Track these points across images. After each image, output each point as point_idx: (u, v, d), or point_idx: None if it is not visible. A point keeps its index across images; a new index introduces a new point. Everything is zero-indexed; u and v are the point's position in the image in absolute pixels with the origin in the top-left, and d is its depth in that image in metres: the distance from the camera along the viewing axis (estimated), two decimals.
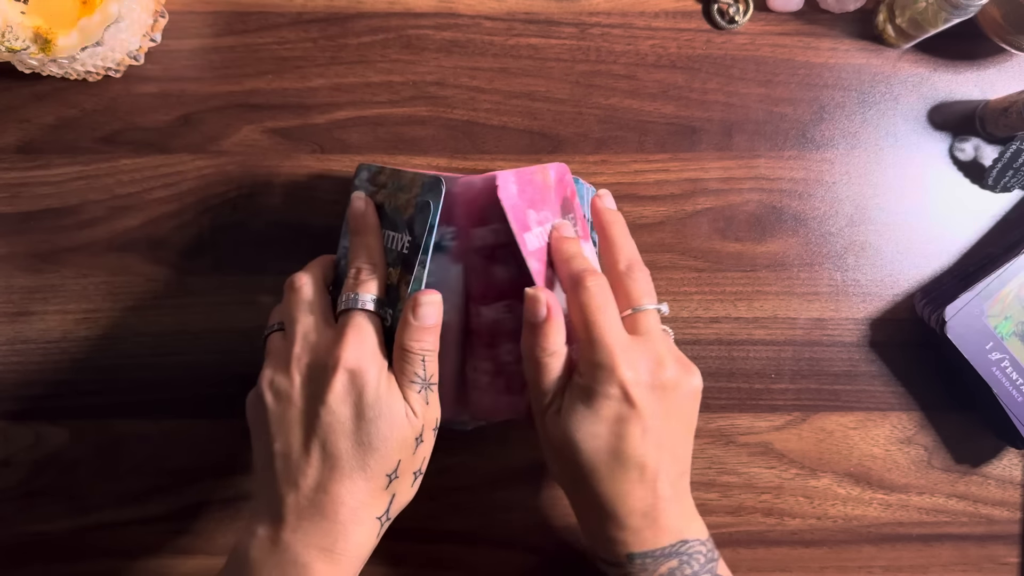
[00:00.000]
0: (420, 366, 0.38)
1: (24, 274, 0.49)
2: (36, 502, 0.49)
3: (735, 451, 0.51)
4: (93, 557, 0.49)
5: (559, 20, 0.52)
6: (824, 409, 0.52)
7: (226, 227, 0.50)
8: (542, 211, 0.41)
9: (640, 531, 0.37)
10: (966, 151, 0.52)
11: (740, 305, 0.51)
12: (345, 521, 0.36)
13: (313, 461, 0.37)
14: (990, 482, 0.52)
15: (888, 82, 0.53)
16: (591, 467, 0.37)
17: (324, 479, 0.36)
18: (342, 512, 0.36)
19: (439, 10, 0.52)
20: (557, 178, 0.42)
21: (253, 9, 0.51)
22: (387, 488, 0.38)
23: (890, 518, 0.51)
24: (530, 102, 0.51)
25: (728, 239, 0.52)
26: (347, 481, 0.37)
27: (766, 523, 0.51)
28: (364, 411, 0.37)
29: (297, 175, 0.50)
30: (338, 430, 0.36)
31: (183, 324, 0.50)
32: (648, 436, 0.37)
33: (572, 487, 0.40)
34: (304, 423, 0.37)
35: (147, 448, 0.49)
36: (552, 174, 0.42)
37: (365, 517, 0.37)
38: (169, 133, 0.50)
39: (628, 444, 0.37)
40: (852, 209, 0.52)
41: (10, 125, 0.50)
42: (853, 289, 0.52)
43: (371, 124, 0.51)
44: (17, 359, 0.49)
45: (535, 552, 0.50)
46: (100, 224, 0.50)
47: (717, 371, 0.51)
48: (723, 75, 0.52)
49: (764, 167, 0.52)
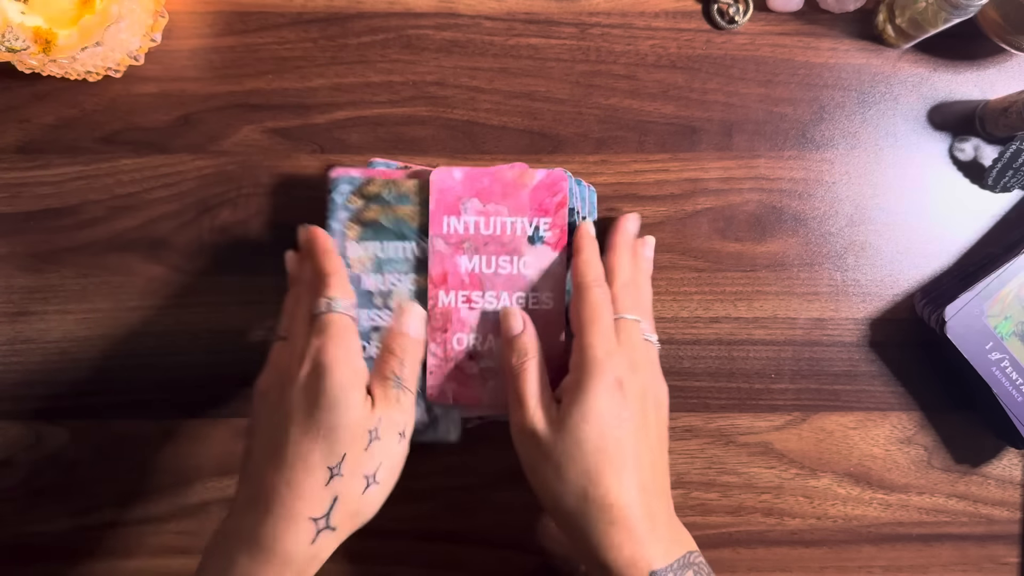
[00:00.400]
0: (399, 367, 0.40)
1: (24, 274, 0.49)
2: (36, 502, 0.49)
3: (735, 451, 0.51)
4: (93, 557, 0.49)
5: (559, 20, 0.52)
6: (824, 409, 0.52)
7: (226, 227, 0.50)
8: (492, 204, 0.43)
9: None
10: (966, 151, 0.52)
11: (740, 305, 0.51)
12: (276, 515, 0.35)
13: (260, 450, 0.37)
14: (990, 482, 0.52)
15: (888, 82, 0.53)
16: (602, 456, 0.38)
17: (264, 468, 0.36)
18: (275, 505, 0.35)
19: (439, 10, 0.52)
20: (544, 183, 0.44)
21: (253, 9, 0.51)
22: (327, 484, 0.36)
23: (890, 518, 0.51)
24: (530, 102, 0.51)
25: (728, 239, 0.52)
26: (285, 470, 0.36)
27: (766, 523, 0.51)
28: (320, 399, 0.37)
29: (297, 175, 0.50)
30: (292, 418, 0.37)
31: (183, 324, 0.50)
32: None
33: (572, 499, 0.38)
34: (268, 416, 0.38)
35: (147, 448, 0.49)
36: (538, 178, 0.44)
37: (298, 514, 0.35)
38: (169, 133, 0.50)
39: (620, 430, 0.38)
40: (852, 209, 0.52)
41: (10, 125, 0.50)
42: (853, 289, 0.52)
43: (371, 124, 0.51)
44: (17, 359, 0.49)
45: (535, 552, 0.50)
46: (100, 224, 0.50)
47: (717, 371, 0.51)
48: (723, 75, 0.52)
49: (764, 167, 0.52)
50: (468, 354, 0.44)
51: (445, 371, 0.44)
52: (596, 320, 0.40)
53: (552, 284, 0.44)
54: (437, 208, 0.43)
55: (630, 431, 0.38)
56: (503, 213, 0.43)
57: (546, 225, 0.44)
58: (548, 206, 0.44)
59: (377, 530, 0.50)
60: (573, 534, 0.38)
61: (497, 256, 0.44)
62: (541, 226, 0.44)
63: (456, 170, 0.43)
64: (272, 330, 0.50)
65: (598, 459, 0.38)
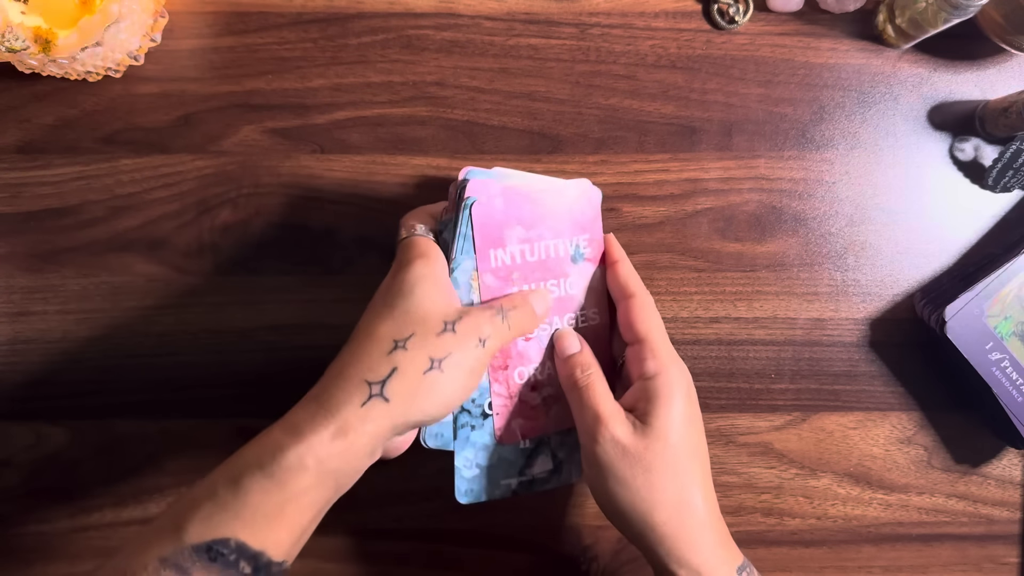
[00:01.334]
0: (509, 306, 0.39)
1: (24, 274, 0.49)
2: (36, 502, 0.49)
3: (735, 451, 0.51)
4: (93, 557, 0.49)
5: (559, 20, 0.52)
6: (824, 409, 0.52)
7: (226, 227, 0.50)
8: (535, 230, 0.42)
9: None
10: (966, 151, 0.52)
11: (740, 305, 0.51)
12: (330, 375, 0.35)
13: None
14: (990, 482, 0.52)
15: (888, 82, 0.53)
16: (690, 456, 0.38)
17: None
18: (331, 368, 0.35)
19: (439, 10, 0.52)
20: (577, 198, 0.43)
21: (253, 9, 0.51)
22: (389, 354, 0.34)
23: (890, 518, 0.51)
24: (530, 102, 0.51)
25: (728, 239, 0.52)
26: (351, 343, 0.36)
27: (766, 523, 0.51)
28: (396, 286, 0.36)
29: (297, 175, 0.50)
30: (371, 308, 0.37)
31: (183, 324, 0.50)
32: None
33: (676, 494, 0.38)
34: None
35: (147, 448, 0.49)
36: (573, 192, 0.43)
37: (353, 375, 0.34)
38: (169, 133, 0.50)
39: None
40: (852, 209, 0.52)
41: (10, 125, 0.50)
42: (853, 289, 0.52)
43: (371, 124, 0.51)
44: (17, 359, 0.49)
45: (535, 552, 0.50)
46: (100, 224, 0.50)
47: (717, 371, 0.51)
48: (723, 75, 0.52)
49: (764, 167, 0.52)
50: (530, 386, 0.43)
51: (511, 409, 0.42)
52: (658, 325, 0.40)
53: (596, 299, 0.44)
54: (483, 244, 0.40)
55: (703, 435, 0.40)
56: (545, 237, 0.42)
57: (585, 242, 0.43)
58: (584, 221, 0.43)
59: (377, 530, 0.50)
60: (658, 544, 0.37)
61: (545, 281, 0.42)
62: (581, 243, 0.43)
63: (495, 193, 0.40)
64: (274, 329, 0.50)
65: (691, 466, 0.38)
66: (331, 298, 0.50)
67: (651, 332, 0.40)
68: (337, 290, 0.50)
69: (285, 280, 0.50)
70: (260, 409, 0.49)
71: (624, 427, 0.38)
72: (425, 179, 0.51)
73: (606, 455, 0.37)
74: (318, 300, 0.50)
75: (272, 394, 0.50)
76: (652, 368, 0.39)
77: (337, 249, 0.50)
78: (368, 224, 0.50)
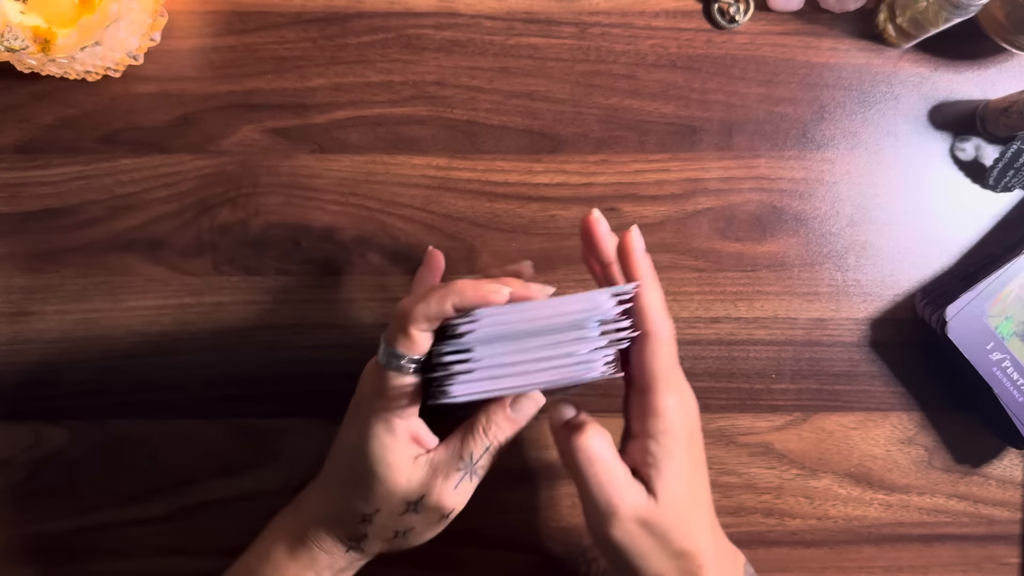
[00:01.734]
0: (479, 450, 0.38)
1: (24, 274, 0.49)
2: (36, 502, 0.49)
3: (735, 451, 0.51)
4: (93, 557, 0.49)
5: (559, 20, 0.52)
6: (824, 409, 0.51)
7: (226, 227, 0.50)
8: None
9: None
10: (967, 151, 0.52)
11: (740, 305, 0.51)
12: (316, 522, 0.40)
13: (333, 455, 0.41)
14: (991, 482, 0.52)
15: (889, 82, 0.53)
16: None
17: (330, 477, 0.41)
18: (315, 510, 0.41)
19: (439, 10, 0.51)
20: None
21: (252, 9, 0.51)
22: (360, 524, 0.39)
23: (891, 518, 0.51)
24: (530, 102, 0.51)
25: (728, 239, 0.52)
26: (335, 497, 0.40)
27: (766, 523, 0.51)
28: (361, 464, 0.37)
29: (297, 175, 0.50)
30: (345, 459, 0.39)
31: (183, 324, 0.49)
32: None
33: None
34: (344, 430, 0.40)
35: (147, 448, 0.49)
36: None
37: (335, 535, 0.40)
38: (169, 133, 0.50)
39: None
40: (852, 209, 0.52)
41: (10, 125, 0.50)
42: (854, 289, 0.52)
43: (371, 124, 0.51)
44: (17, 359, 0.49)
45: (535, 552, 0.50)
46: (100, 224, 0.50)
47: (717, 371, 0.51)
48: (723, 75, 0.52)
49: (764, 167, 0.52)
50: None
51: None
52: (669, 373, 0.36)
53: None
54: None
55: (705, 470, 0.38)
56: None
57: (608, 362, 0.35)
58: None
59: None
60: None
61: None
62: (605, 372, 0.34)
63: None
64: (274, 329, 0.50)
65: (698, 514, 0.37)
66: (331, 298, 0.50)
67: (658, 382, 0.35)
68: (337, 290, 0.50)
69: (285, 280, 0.50)
70: (260, 409, 0.49)
71: (639, 508, 0.35)
72: (425, 179, 0.51)
73: (626, 535, 0.35)
74: (318, 300, 0.50)
75: (272, 394, 0.50)
76: (654, 427, 0.35)
77: (337, 249, 0.50)
78: (368, 224, 0.50)
